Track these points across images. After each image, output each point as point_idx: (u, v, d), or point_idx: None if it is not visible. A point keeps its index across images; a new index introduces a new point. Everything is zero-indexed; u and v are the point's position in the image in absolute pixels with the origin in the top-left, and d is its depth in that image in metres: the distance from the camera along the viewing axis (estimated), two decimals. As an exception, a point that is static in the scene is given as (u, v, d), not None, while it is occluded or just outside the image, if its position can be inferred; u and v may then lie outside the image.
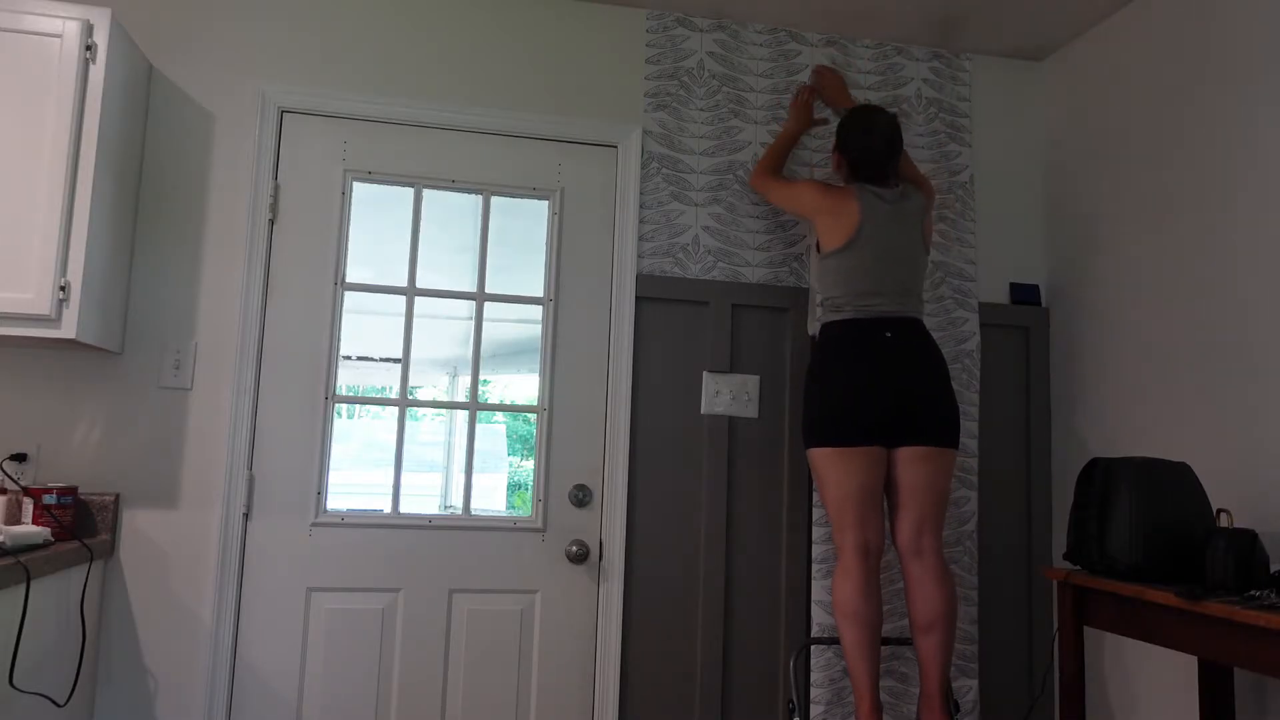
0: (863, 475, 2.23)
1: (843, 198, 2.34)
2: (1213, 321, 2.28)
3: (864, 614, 2.19)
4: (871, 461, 2.24)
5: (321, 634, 2.42)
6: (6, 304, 2.04)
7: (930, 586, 2.22)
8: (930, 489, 2.26)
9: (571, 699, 2.52)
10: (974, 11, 2.71)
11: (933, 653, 2.20)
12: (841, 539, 2.25)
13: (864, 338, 2.27)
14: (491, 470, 2.63)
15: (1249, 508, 2.14)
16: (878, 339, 2.26)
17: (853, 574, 2.22)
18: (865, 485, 2.23)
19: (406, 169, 2.59)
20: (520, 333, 2.65)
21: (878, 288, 2.29)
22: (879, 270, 2.30)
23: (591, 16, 2.74)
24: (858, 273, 2.30)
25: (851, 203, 2.33)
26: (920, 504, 2.26)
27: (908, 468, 2.26)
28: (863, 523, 2.24)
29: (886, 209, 2.33)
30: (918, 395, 2.24)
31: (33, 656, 1.95)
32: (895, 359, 2.24)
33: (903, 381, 2.23)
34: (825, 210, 2.35)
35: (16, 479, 2.27)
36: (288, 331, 2.48)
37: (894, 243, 2.32)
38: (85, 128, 2.13)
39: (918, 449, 2.25)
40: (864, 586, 2.21)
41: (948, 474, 2.29)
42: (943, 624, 2.21)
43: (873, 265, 2.30)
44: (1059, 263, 2.87)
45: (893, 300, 2.30)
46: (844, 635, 2.22)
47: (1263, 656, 1.61)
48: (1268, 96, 2.16)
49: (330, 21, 2.59)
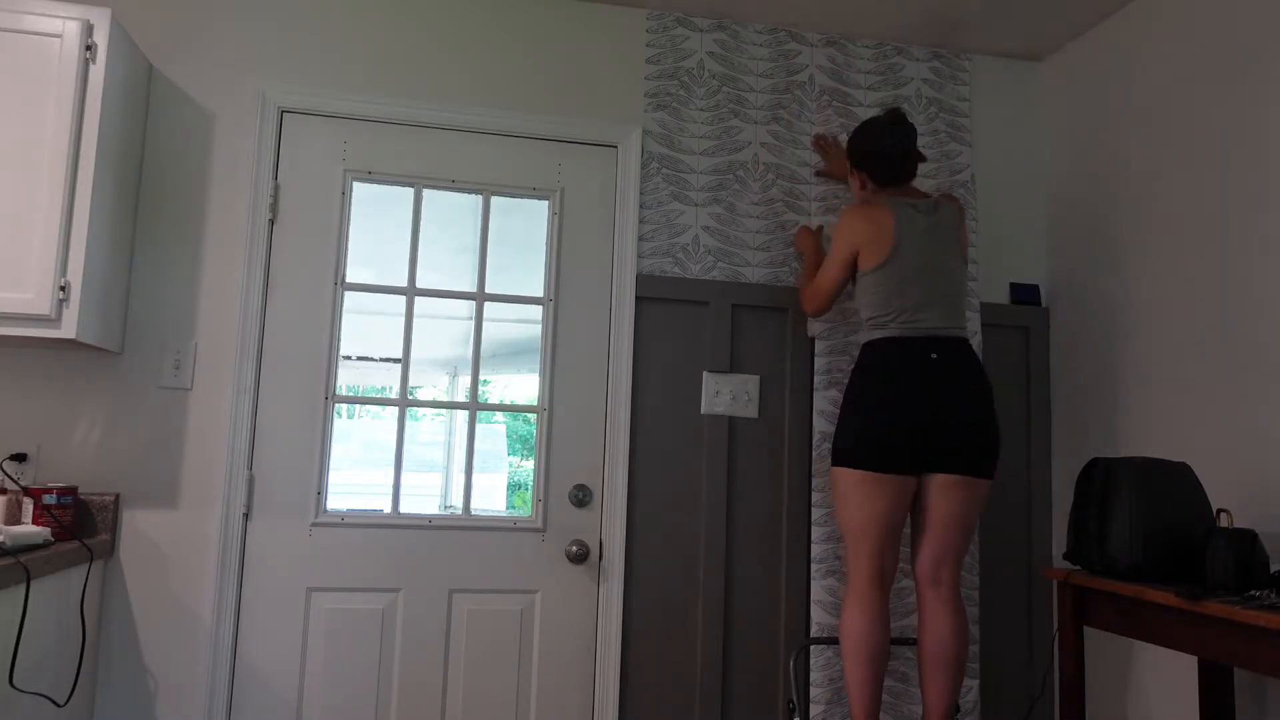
0: (890, 503, 2.18)
1: (878, 215, 2.27)
2: (1213, 321, 2.28)
3: (873, 647, 2.16)
4: (901, 490, 2.18)
5: (321, 634, 2.42)
6: (6, 304, 2.04)
7: (943, 619, 2.19)
8: (960, 521, 2.20)
9: (571, 699, 2.52)
10: (974, 11, 2.71)
11: (939, 692, 2.19)
12: (857, 565, 2.21)
13: (907, 357, 2.19)
14: (491, 470, 2.63)
15: (1249, 508, 2.14)
16: (922, 360, 2.18)
17: (866, 604, 2.18)
18: (890, 514, 2.19)
19: (406, 169, 2.59)
20: (520, 333, 2.65)
21: (921, 301, 2.21)
22: (920, 283, 2.22)
23: (591, 16, 2.74)
24: (899, 287, 2.22)
25: (888, 218, 2.26)
26: (945, 535, 2.21)
27: (940, 496, 2.19)
28: (882, 552, 2.20)
29: (923, 221, 2.26)
30: (958, 423, 2.15)
31: (33, 656, 1.95)
32: (938, 383, 2.16)
33: (944, 408, 2.15)
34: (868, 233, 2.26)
35: (16, 479, 2.27)
36: (288, 331, 2.48)
37: (933, 254, 2.25)
38: (85, 128, 2.13)
39: (953, 478, 2.18)
40: (877, 617, 2.18)
41: (979, 506, 2.23)
42: (951, 664, 2.18)
43: (914, 278, 2.22)
44: (1059, 263, 2.87)
45: (938, 316, 2.22)
46: (850, 667, 2.17)
47: (1263, 656, 1.61)
48: (1268, 96, 2.16)
49: (330, 21, 2.59)
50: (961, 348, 2.22)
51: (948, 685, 2.18)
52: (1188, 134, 2.39)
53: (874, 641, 2.17)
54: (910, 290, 2.22)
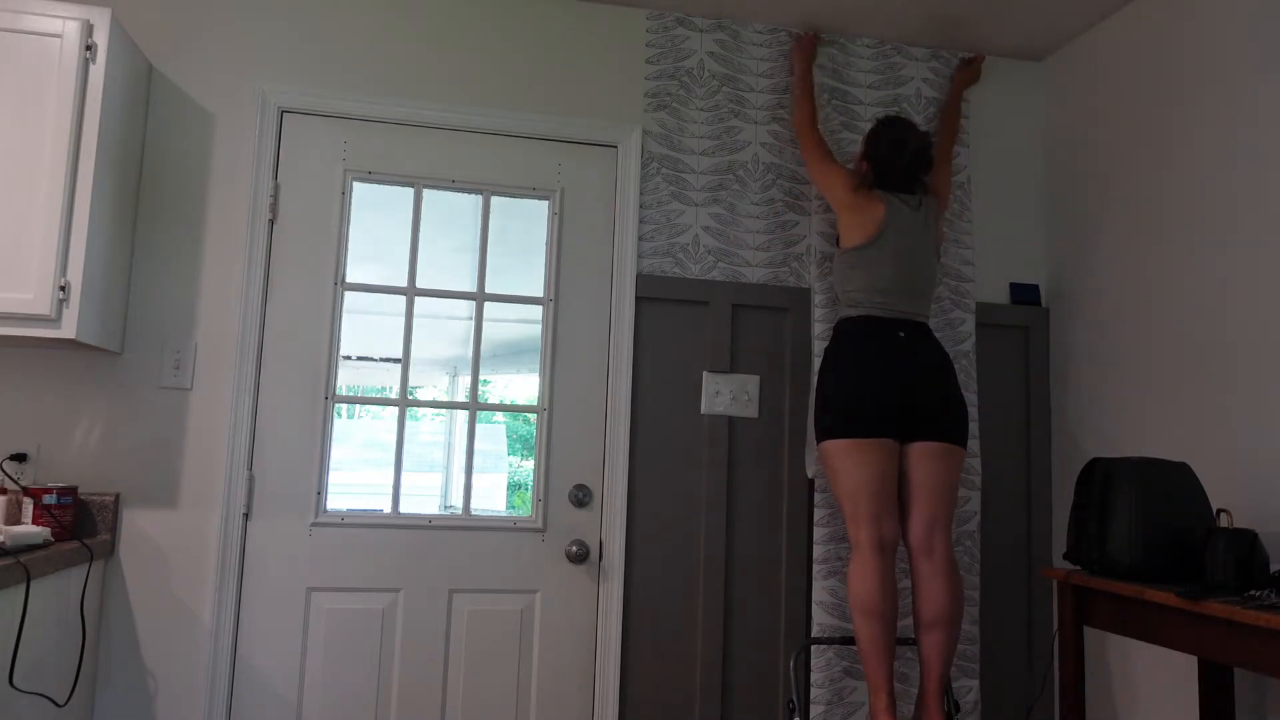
0: (877, 466, 2.23)
1: (869, 198, 2.39)
2: (1213, 321, 2.28)
3: (881, 609, 2.19)
4: (885, 453, 2.24)
5: (321, 634, 2.42)
6: (6, 304, 2.04)
7: (939, 584, 2.23)
8: (943, 487, 2.27)
9: (571, 699, 2.52)
10: (974, 11, 2.71)
11: (936, 650, 2.21)
12: (856, 533, 2.25)
13: (878, 334, 2.30)
14: (491, 470, 2.63)
15: (1249, 508, 2.14)
16: (891, 337, 2.29)
17: (870, 569, 2.21)
18: (879, 476, 2.24)
19: (406, 169, 2.59)
20: (520, 333, 2.65)
21: (896, 286, 2.33)
22: (899, 270, 2.34)
23: (591, 16, 2.74)
24: (878, 270, 2.34)
25: (878, 204, 2.37)
26: (931, 502, 2.27)
27: (920, 464, 2.27)
28: (878, 516, 2.23)
29: (909, 213, 2.38)
30: (928, 392, 2.26)
31: (33, 656, 1.95)
32: (907, 358, 2.27)
33: (914, 379, 2.26)
34: (851, 207, 2.39)
35: (16, 479, 2.27)
36: (288, 331, 2.48)
37: (914, 246, 2.36)
38: (85, 128, 2.13)
39: (930, 445, 2.26)
40: (882, 581, 2.21)
41: (958, 472, 2.31)
42: (948, 622, 2.21)
43: (893, 265, 2.34)
44: (1059, 263, 2.87)
45: (909, 302, 2.35)
46: (860, 631, 2.21)
47: (1263, 656, 1.61)
48: (1268, 96, 2.16)
49: (330, 21, 2.59)
50: (927, 331, 2.37)
51: (946, 643, 2.21)
52: (1187, 134, 2.39)
53: (883, 604, 2.19)
54: (888, 274, 2.34)
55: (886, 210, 2.36)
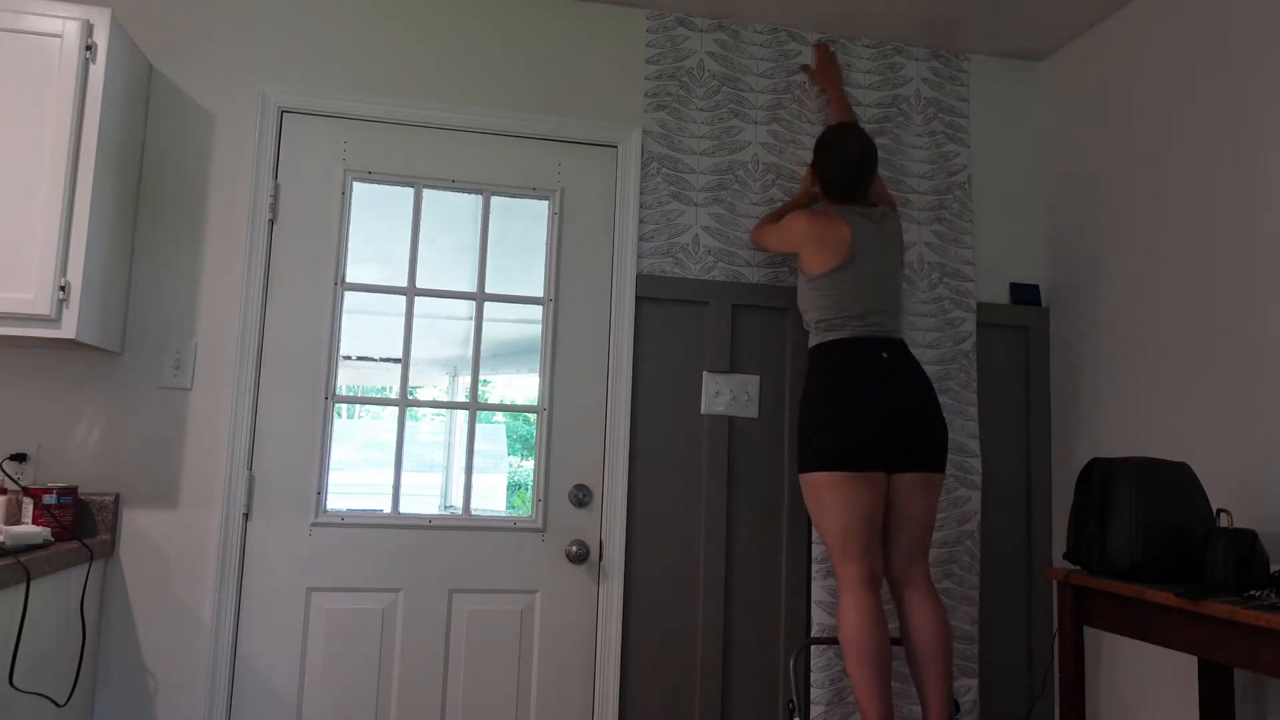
0: (868, 502, 2.20)
1: (833, 222, 2.34)
2: (1213, 321, 2.28)
3: (876, 649, 2.15)
4: (876, 487, 2.21)
5: (321, 634, 2.42)
6: (6, 304, 2.04)
7: (926, 612, 2.24)
8: (923, 519, 2.28)
9: (571, 699, 2.52)
10: (973, 11, 2.71)
11: (939, 684, 2.21)
12: (845, 570, 2.21)
13: (862, 357, 2.26)
14: (491, 470, 2.63)
15: (1249, 508, 2.14)
16: (875, 359, 2.26)
17: (863, 607, 2.18)
18: (870, 513, 2.21)
19: (406, 169, 2.59)
20: (520, 333, 2.65)
21: (873, 307, 2.31)
22: (873, 290, 2.32)
23: (591, 16, 2.74)
24: (852, 293, 2.30)
25: (842, 227, 2.33)
26: (911, 534, 2.28)
27: (908, 497, 2.25)
28: (869, 553, 2.21)
29: (874, 231, 2.35)
30: (915, 417, 2.23)
31: (33, 656, 1.95)
32: (893, 380, 2.24)
33: (903, 406, 2.22)
34: (815, 238, 2.34)
35: (16, 479, 2.27)
36: (288, 331, 2.48)
37: (882, 265, 2.34)
38: (85, 128, 2.13)
39: (917, 476, 2.24)
40: (876, 619, 2.18)
41: (937, 500, 2.31)
42: (945, 656, 2.22)
43: (867, 285, 2.31)
44: (1059, 263, 2.87)
45: (887, 319, 2.33)
46: (856, 674, 2.16)
47: (1263, 656, 1.61)
48: (1268, 95, 2.16)
49: (330, 22, 2.59)
50: (905, 349, 2.33)
51: (944, 677, 2.22)
52: (1187, 134, 2.39)
53: (877, 643, 2.17)
54: (864, 295, 2.31)
55: (853, 230, 2.32)
